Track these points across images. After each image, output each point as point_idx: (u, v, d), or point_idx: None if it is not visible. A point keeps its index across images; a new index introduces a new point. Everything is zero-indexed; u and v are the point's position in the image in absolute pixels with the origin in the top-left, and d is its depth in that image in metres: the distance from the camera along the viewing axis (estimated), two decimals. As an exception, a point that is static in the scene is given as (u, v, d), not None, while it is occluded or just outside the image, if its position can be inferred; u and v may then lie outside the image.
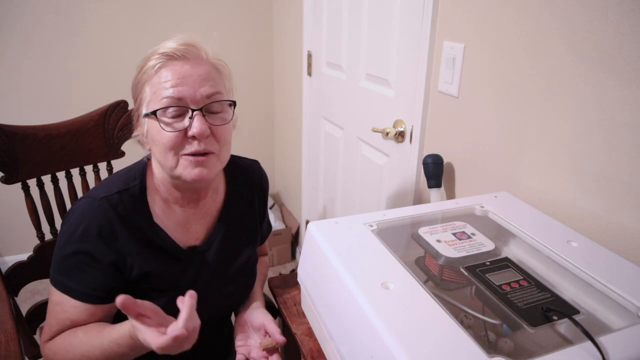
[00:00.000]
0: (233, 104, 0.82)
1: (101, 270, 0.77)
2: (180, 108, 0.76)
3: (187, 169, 0.78)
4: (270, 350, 0.84)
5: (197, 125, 0.75)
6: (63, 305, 0.77)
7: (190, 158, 0.77)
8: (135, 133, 0.83)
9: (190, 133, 0.76)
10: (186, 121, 0.76)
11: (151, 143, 0.80)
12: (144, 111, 0.78)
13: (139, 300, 0.63)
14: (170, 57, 0.77)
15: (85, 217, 0.77)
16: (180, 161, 0.78)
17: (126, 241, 0.78)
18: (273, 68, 2.55)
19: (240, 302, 0.96)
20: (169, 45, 0.78)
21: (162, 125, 0.76)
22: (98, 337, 0.74)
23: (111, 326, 0.75)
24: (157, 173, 0.84)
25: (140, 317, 0.63)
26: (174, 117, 0.76)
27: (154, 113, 0.76)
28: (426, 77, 1.18)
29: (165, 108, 0.75)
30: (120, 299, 0.60)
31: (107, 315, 0.81)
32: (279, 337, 0.83)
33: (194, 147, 0.76)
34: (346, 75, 1.66)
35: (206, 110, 0.77)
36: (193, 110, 0.76)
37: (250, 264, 0.98)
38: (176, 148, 0.76)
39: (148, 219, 0.82)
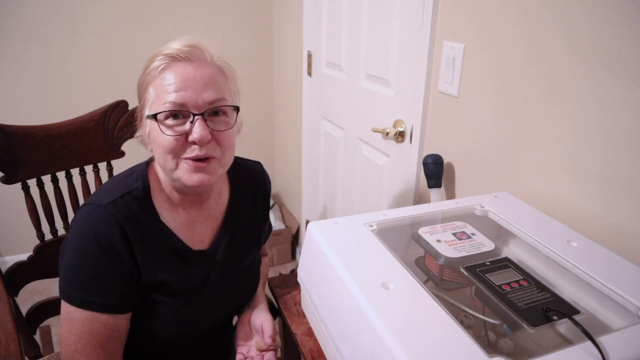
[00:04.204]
0: (236, 109, 0.81)
1: (117, 279, 0.75)
2: (182, 112, 0.75)
3: (187, 174, 0.77)
4: (265, 351, 0.84)
5: (197, 131, 0.74)
6: (88, 321, 0.74)
7: (191, 163, 0.76)
8: (138, 133, 0.83)
9: (190, 138, 0.75)
10: (187, 125, 0.75)
11: (153, 144, 0.79)
12: (146, 112, 0.78)
13: None
14: (174, 59, 0.76)
15: (92, 226, 0.75)
16: (180, 164, 0.77)
17: (136, 245, 0.77)
18: (273, 68, 2.55)
19: (244, 303, 0.96)
20: (174, 46, 0.77)
21: (162, 128, 0.75)
22: None
23: None
24: (161, 174, 0.84)
25: None
26: (175, 120, 0.75)
27: (155, 116, 0.75)
28: (426, 77, 1.18)
29: (167, 112, 0.75)
30: None
31: (128, 324, 0.80)
32: (267, 339, 0.82)
33: (194, 151, 0.75)
34: (346, 75, 1.66)
35: (208, 114, 0.76)
36: (194, 115, 0.75)
37: (255, 266, 0.97)
38: (176, 151, 0.76)
39: (156, 221, 0.81)
